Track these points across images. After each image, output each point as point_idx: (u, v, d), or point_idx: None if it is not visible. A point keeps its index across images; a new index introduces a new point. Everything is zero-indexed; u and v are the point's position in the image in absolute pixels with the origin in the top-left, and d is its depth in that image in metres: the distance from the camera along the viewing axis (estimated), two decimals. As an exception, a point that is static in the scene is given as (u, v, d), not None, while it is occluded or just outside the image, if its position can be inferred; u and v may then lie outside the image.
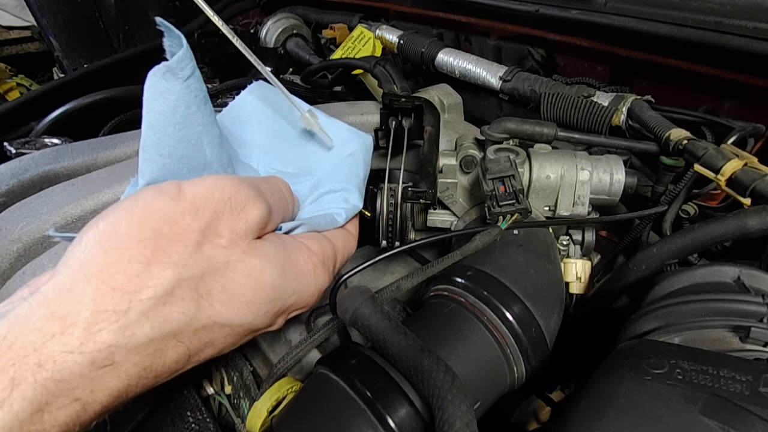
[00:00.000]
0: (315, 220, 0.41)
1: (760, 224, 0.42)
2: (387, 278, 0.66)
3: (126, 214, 0.28)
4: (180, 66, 0.33)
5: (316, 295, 0.38)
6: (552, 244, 0.54)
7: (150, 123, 0.33)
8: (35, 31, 1.83)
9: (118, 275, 0.27)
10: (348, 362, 0.38)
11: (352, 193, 0.45)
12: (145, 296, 0.27)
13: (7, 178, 0.53)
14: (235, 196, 0.31)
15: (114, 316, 0.26)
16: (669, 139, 0.55)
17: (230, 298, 0.31)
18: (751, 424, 0.27)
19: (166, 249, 0.28)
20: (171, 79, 0.32)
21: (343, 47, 1.04)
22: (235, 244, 0.31)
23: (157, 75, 0.32)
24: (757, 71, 0.54)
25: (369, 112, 0.72)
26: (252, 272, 0.32)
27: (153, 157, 0.34)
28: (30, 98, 0.95)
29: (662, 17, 0.62)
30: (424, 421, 0.35)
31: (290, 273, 0.35)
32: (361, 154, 0.48)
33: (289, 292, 0.35)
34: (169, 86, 0.32)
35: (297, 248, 0.36)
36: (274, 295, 0.34)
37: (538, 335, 0.43)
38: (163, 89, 0.32)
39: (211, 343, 0.32)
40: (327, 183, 0.45)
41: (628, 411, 0.29)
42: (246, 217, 0.32)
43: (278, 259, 0.34)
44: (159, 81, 0.32)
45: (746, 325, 0.36)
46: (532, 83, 0.75)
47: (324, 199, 0.44)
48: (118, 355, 0.26)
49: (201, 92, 0.35)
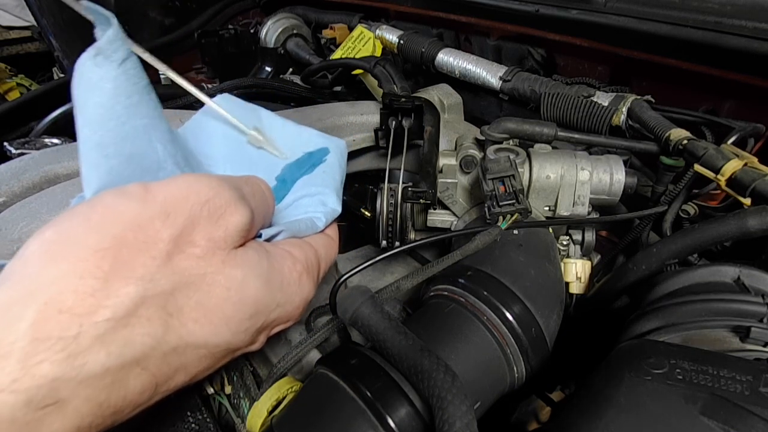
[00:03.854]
0: (295, 225, 0.38)
1: (760, 224, 0.42)
2: (387, 278, 0.66)
3: (81, 219, 0.24)
4: (112, 47, 0.28)
5: (301, 307, 0.35)
6: (552, 244, 0.54)
7: (87, 120, 0.28)
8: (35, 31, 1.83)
9: (67, 294, 0.22)
10: (348, 362, 0.38)
11: (330, 197, 0.43)
12: (100, 318, 0.22)
13: (7, 178, 0.53)
14: (213, 199, 0.27)
15: (59, 343, 0.21)
16: (669, 139, 0.55)
17: (206, 314, 0.27)
18: (751, 424, 0.27)
19: (129, 261, 0.24)
20: (104, 64, 0.28)
21: (343, 47, 1.04)
22: (213, 254, 0.27)
23: (88, 62, 0.28)
24: (757, 71, 0.54)
25: (369, 112, 0.72)
26: (232, 285, 0.28)
27: (97, 160, 0.29)
28: (30, 98, 0.95)
29: (662, 17, 0.62)
30: (424, 421, 0.35)
31: (275, 284, 0.31)
32: (336, 158, 0.46)
33: (273, 305, 0.32)
34: (104, 73, 0.28)
35: (281, 256, 0.33)
36: (257, 309, 0.30)
37: (538, 335, 0.43)
38: (97, 78, 0.28)
39: (183, 367, 0.27)
40: (302, 188, 0.43)
41: (628, 411, 0.29)
42: (226, 223, 0.28)
43: (262, 269, 0.30)
44: (91, 69, 0.28)
45: (746, 325, 0.36)
46: (532, 83, 0.75)
47: (301, 204, 0.42)
48: (65, 389, 0.22)
49: (141, 79, 0.31)
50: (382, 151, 0.73)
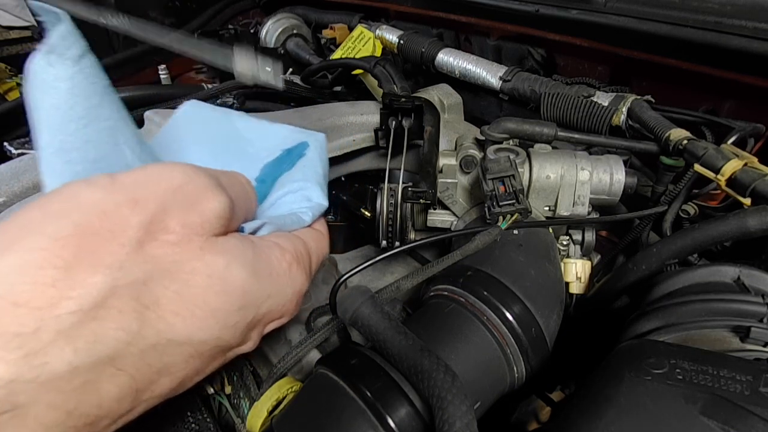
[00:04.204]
0: (280, 220, 0.37)
1: (760, 224, 0.42)
2: (387, 278, 0.66)
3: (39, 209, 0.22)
4: (65, 44, 0.26)
5: (294, 299, 0.33)
6: (552, 244, 0.54)
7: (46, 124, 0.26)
8: (35, 31, 1.83)
9: (23, 285, 0.20)
10: (348, 362, 0.38)
11: (314, 191, 0.41)
12: (64, 310, 0.20)
13: (7, 178, 0.53)
14: (187, 185, 0.25)
15: (15, 340, 0.19)
16: (669, 139, 0.55)
17: (187, 306, 0.24)
18: (751, 424, 0.27)
19: (95, 249, 0.22)
20: (58, 62, 0.26)
21: (343, 47, 1.04)
22: (190, 240, 0.25)
23: (40, 61, 0.26)
24: (757, 71, 0.55)
25: (369, 112, 0.72)
26: (214, 272, 0.26)
27: (60, 166, 0.27)
28: (30, 98, 0.94)
29: (662, 17, 0.62)
30: (424, 421, 0.35)
31: (263, 272, 0.29)
32: (316, 152, 0.44)
33: (263, 296, 0.29)
34: (58, 72, 0.26)
35: (267, 246, 0.31)
36: (245, 300, 0.28)
37: (538, 335, 0.43)
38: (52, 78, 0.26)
39: (167, 369, 0.25)
40: (284, 185, 0.41)
41: (628, 411, 0.29)
42: (202, 209, 0.26)
43: (246, 257, 0.28)
44: (44, 69, 0.26)
45: (746, 325, 0.36)
46: (532, 83, 0.75)
47: (284, 201, 0.40)
48: (23, 394, 0.19)
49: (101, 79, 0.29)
50: (382, 151, 0.72)
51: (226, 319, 0.27)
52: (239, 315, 0.28)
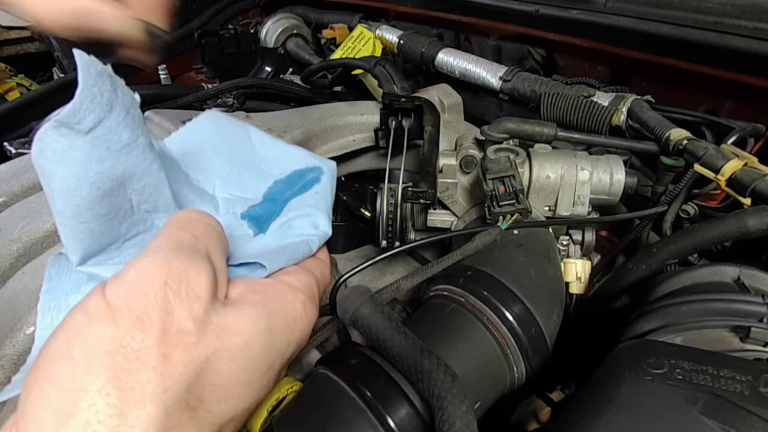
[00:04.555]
0: (292, 250, 0.37)
1: (760, 224, 0.42)
2: (387, 278, 0.66)
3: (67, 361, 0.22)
4: (76, 119, 0.26)
5: (309, 330, 0.35)
6: (552, 244, 0.54)
7: (59, 192, 0.27)
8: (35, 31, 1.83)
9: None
10: (348, 362, 0.38)
11: (322, 219, 0.42)
12: None
13: (7, 178, 0.53)
14: (169, 275, 0.25)
15: None
16: (669, 139, 0.55)
17: (225, 392, 0.26)
18: (751, 424, 0.27)
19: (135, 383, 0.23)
20: (69, 135, 0.26)
21: (343, 47, 1.04)
22: (205, 333, 0.26)
23: (51, 132, 0.26)
24: (757, 71, 0.55)
25: (369, 112, 0.72)
26: (237, 354, 0.27)
27: (76, 227, 0.28)
28: (30, 98, 0.95)
29: (662, 17, 0.62)
30: (424, 421, 0.35)
31: (279, 327, 0.30)
32: (329, 180, 0.45)
33: (284, 348, 0.31)
34: (70, 143, 0.26)
35: (280, 292, 0.32)
36: (270, 361, 0.30)
37: (538, 335, 0.43)
38: (63, 148, 0.26)
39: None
40: (295, 208, 0.42)
41: (628, 411, 0.29)
42: (197, 292, 0.26)
43: (260, 321, 0.29)
44: (55, 139, 0.26)
45: (746, 325, 0.36)
46: (532, 83, 0.75)
47: (293, 224, 0.41)
48: None
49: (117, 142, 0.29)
50: (382, 151, 0.73)
51: (259, 383, 0.29)
52: (269, 374, 0.30)
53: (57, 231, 0.47)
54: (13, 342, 0.40)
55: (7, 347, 0.39)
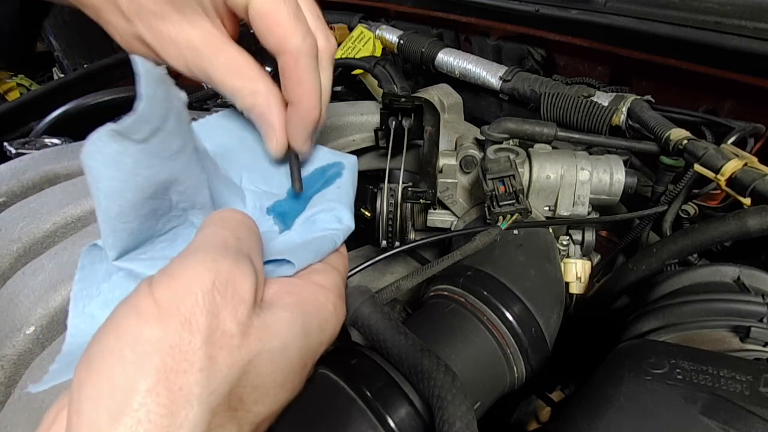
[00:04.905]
0: (317, 245, 0.37)
1: (760, 224, 0.42)
2: (387, 278, 0.66)
3: (118, 359, 0.23)
4: (134, 128, 0.27)
5: (339, 328, 0.35)
6: (552, 244, 0.54)
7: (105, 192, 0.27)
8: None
9: None
10: (348, 362, 0.38)
11: (345, 213, 0.42)
12: None
13: (7, 178, 0.53)
14: (217, 277, 0.26)
15: None
16: (669, 139, 0.55)
17: (263, 393, 0.27)
18: (751, 424, 0.27)
19: (182, 385, 0.23)
20: (122, 141, 0.27)
21: (343, 47, 1.04)
22: (248, 336, 0.26)
23: (104, 139, 0.26)
24: (757, 71, 0.54)
25: (369, 112, 0.72)
26: (275, 357, 0.28)
27: (118, 226, 0.29)
28: (30, 98, 0.95)
29: (662, 17, 0.62)
30: (424, 421, 0.35)
31: (313, 328, 0.31)
32: (350, 174, 0.46)
33: (317, 347, 0.32)
34: (123, 149, 0.27)
35: (313, 294, 0.33)
36: (303, 360, 0.31)
37: (538, 335, 0.43)
38: (114, 153, 0.26)
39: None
40: (318, 203, 0.42)
41: (628, 411, 0.29)
42: (242, 295, 0.27)
43: (297, 324, 0.30)
44: (107, 144, 0.26)
45: (746, 325, 0.36)
46: (532, 83, 0.75)
47: (317, 218, 0.41)
48: None
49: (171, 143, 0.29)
50: (382, 151, 0.73)
51: (294, 382, 0.30)
52: (302, 373, 0.31)
53: (57, 231, 0.47)
54: (13, 342, 0.40)
55: (7, 347, 0.39)
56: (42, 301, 0.41)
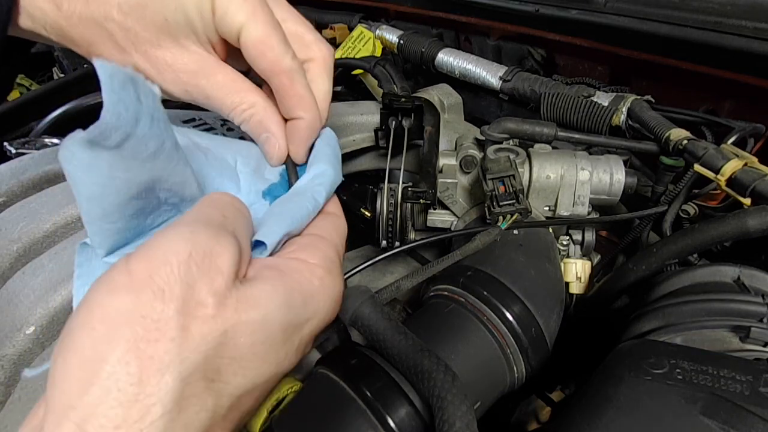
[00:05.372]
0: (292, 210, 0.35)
1: (760, 224, 0.42)
2: (387, 278, 0.66)
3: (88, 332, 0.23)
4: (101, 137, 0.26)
5: (334, 306, 0.34)
6: (552, 244, 0.54)
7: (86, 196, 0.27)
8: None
9: (115, 409, 0.22)
10: (348, 362, 0.38)
11: (325, 166, 0.40)
12: (154, 416, 0.23)
13: (7, 178, 0.53)
14: (194, 248, 0.26)
15: None
16: (669, 139, 0.55)
17: (242, 364, 0.27)
18: (751, 424, 0.27)
19: (153, 353, 0.23)
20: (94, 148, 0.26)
21: (343, 47, 1.04)
22: (224, 307, 0.26)
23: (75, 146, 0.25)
24: (757, 71, 0.54)
25: (369, 112, 0.72)
26: (255, 328, 0.27)
27: (104, 226, 0.29)
28: (30, 98, 0.95)
29: (662, 17, 0.62)
30: (424, 421, 0.35)
31: (297, 303, 0.31)
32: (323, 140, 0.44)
33: (303, 322, 0.31)
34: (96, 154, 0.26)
35: (295, 270, 0.32)
36: (287, 334, 0.30)
37: (538, 335, 0.43)
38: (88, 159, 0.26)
39: (247, 410, 0.29)
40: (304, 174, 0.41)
41: (628, 411, 0.29)
42: (220, 266, 0.26)
43: (277, 296, 0.29)
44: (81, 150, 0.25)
45: (746, 325, 0.36)
46: (532, 83, 0.75)
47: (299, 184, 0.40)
48: None
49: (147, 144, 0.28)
50: (382, 151, 0.73)
51: (277, 355, 0.29)
52: (287, 346, 0.30)
53: (57, 231, 0.47)
54: (13, 342, 0.40)
55: (7, 347, 0.39)
56: (42, 301, 0.41)
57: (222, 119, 0.53)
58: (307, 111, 0.40)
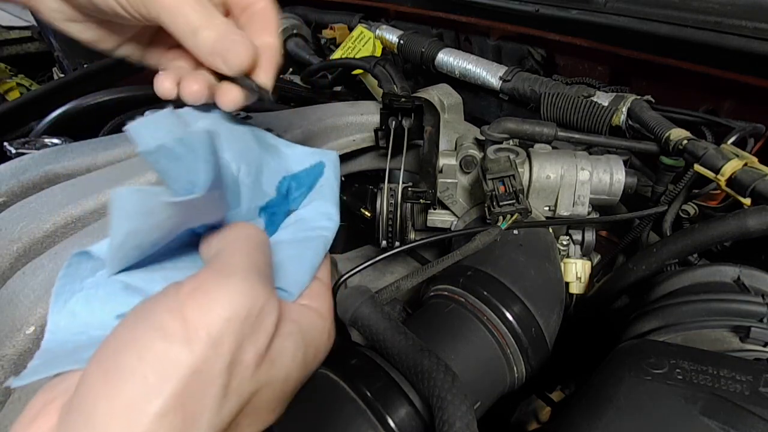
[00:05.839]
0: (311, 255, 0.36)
1: (760, 224, 0.42)
2: (387, 278, 0.66)
3: (140, 381, 0.23)
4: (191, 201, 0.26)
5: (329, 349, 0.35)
6: (552, 244, 0.54)
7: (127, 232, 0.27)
8: (35, 31, 1.83)
9: None
10: (348, 362, 0.38)
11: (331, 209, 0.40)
12: None
13: (7, 178, 0.53)
14: (252, 307, 0.25)
15: None
16: (669, 139, 0.55)
17: (256, 417, 0.28)
18: (751, 424, 0.27)
19: (194, 410, 0.23)
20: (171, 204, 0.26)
21: (343, 47, 1.04)
22: (259, 367, 0.26)
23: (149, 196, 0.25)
24: (757, 71, 0.54)
25: (369, 112, 0.72)
26: (276, 387, 0.28)
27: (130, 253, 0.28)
28: (30, 98, 0.95)
29: (662, 17, 0.62)
30: (424, 421, 0.35)
31: (310, 358, 0.31)
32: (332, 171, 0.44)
33: (309, 374, 0.32)
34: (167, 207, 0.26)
35: (312, 323, 0.32)
36: (297, 389, 0.31)
37: (538, 335, 0.43)
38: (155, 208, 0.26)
39: None
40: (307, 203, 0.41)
41: (628, 411, 0.29)
42: (267, 327, 0.26)
43: (299, 354, 0.29)
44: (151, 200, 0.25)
45: (746, 325, 0.36)
46: (532, 83, 0.75)
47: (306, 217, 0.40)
48: None
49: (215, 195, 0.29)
50: (382, 151, 0.73)
51: (283, 406, 0.30)
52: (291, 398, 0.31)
53: (57, 231, 0.47)
54: (13, 342, 0.40)
55: (7, 347, 0.39)
56: (42, 301, 0.41)
57: None
58: (274, 36, 0.39)
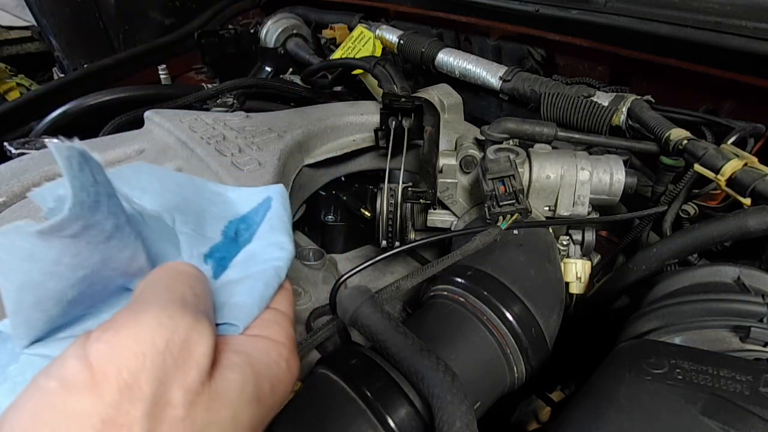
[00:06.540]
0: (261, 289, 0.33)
1: (760, 224, 0.42)
2: (387, 278, 0.66)
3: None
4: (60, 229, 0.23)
5: (291, 386, 0.31)
6: (552, 244, 0.54)
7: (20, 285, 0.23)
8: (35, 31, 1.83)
9: None
10: (348, 362, 0.38)
11: (283, 238, 0.38)
12: None
13: (7, 178, 0.53)
14: (173, 337, 0.22)
15: None
16: (669, 139, 0.55)
17: None
18: (751, 424, 0.27)
19: None
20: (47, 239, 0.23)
21: (343, 47, 1.04)
22: (195, 407, 0.23)
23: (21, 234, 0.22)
24: (757, 71, 0.55)
25: (369, 112, 0.72)
26: (223, 427, 0.24)
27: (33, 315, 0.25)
28: (30, 98, 0.95)
29: (662, 17, 0.62)
30: (424, 421, 0.35)
31: (266, 393, 0.27)
32: (279, 203, 0.41)
33: (268, 411, 0.28)
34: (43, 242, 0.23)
35: (265, 352, 0.29)
36: (254, 428, 0.27)
37: (538, 335, 0.43)
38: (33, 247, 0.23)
39: None
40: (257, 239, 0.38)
41: (628, 411, 0.29)
42: (196, 359, 0.23)
43: (248, 388, 0.26)
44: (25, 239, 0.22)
45: (746, 325, 0.36)
46: (532, 83, 0.75)
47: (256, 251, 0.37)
48: None
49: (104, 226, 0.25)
50: (382, 151, 0.73)
51: None
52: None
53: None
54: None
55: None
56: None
57: None
58: None
